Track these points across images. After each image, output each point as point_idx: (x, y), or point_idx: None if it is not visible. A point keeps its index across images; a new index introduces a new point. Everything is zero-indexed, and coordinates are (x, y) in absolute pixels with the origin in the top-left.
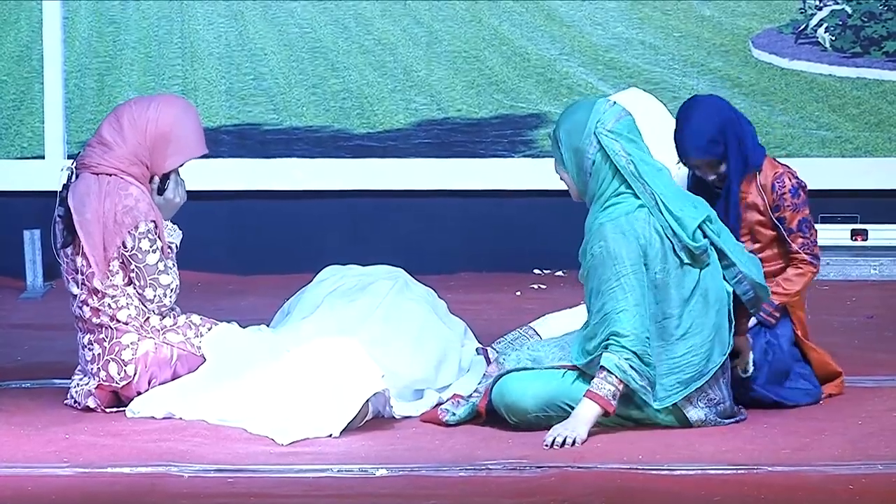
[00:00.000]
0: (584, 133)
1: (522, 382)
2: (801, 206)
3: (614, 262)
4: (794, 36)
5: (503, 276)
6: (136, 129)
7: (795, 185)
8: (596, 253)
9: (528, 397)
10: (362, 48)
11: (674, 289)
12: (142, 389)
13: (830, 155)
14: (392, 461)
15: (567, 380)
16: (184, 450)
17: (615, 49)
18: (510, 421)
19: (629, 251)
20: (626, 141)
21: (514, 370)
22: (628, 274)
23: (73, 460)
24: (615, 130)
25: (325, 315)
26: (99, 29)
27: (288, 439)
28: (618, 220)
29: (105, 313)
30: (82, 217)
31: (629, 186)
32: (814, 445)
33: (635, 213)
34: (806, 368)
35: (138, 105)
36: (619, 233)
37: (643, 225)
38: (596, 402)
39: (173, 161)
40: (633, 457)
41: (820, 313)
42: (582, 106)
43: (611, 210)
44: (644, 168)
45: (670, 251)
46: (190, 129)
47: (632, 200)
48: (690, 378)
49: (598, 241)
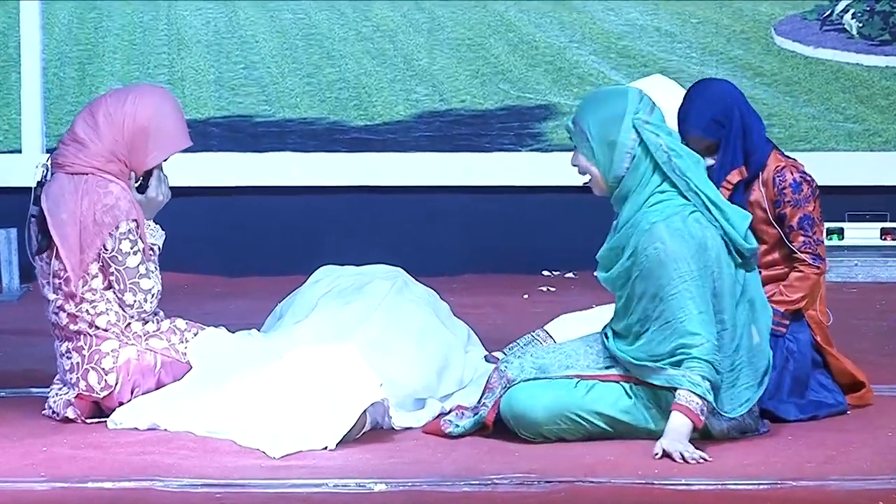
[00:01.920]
0: (623, 125)
1: (532, 393)
2: (802, 202)
3: (676, 265)
4: (819, 22)
5: (509, 278)
6: (112, 125)
7: (797, 180)
8: (651, 254)
9: (539, 408)
10: (360, 35)
11: (728, 296)
12: (124, 399)
13: (858, 149)
14: (391, 475)
15: (580, 390)
16: (169, 463)
17: (629, 36)
18: (520, 434)
19: (690, 253)
20: (666, 134)
21: (524, 380)
22: (692, 278)
23: (51, 474)
24: (654, 122)
25: (320, 318)
26: (80, 15)
27: (280, 452)
28: (672, 221)
29: (83, 319)
30: (56, 218)
31: (672, 183)
32: (840, 458)
33: (686, 213)
34: (828, 378)
35: (114, 99)
36: (677, 234)
37: (697, 225)
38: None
39: (155, 157)
40: (648, 470)
41: (847, 317)
42: (613, 95)
43: (659, 208)
44: (686, 164)
45: (724, 253)
46: (170, 122)
47: (678, 199)
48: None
49: (653, 243)
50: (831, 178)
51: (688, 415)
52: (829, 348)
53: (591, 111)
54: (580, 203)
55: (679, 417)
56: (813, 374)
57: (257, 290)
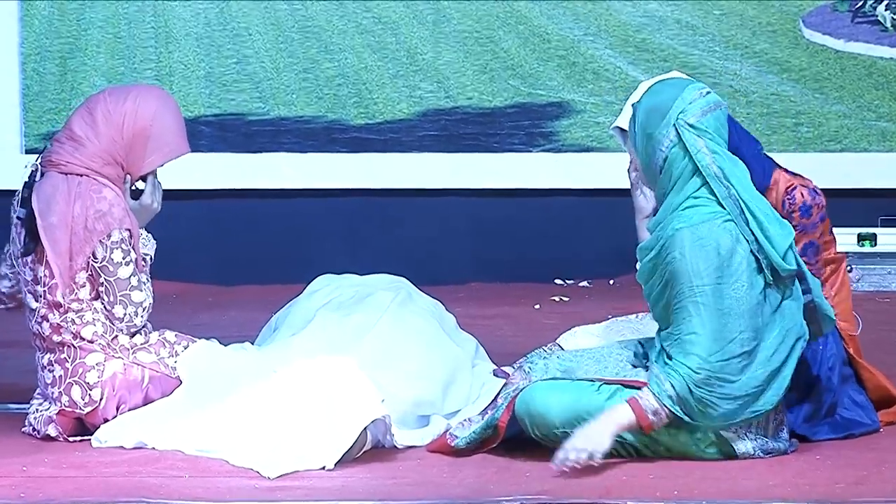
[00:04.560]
0: (663, 121)
1: (551, 392)
2: (810, 228)
3: (689, 279)
4: (851, 14)
5: (520, 287)
6: (111, 123)
7: (808, 203)
8: (670, 262)
9: (556, 409)
10: (360, 27)
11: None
12: (109, 416)
13: (892, 149)
14: (394, 497)
15: (602, 394)
16: (157, 484)
17: (647, 29)
18: (533, 435)
19: (709, 267)
20: (709, 139)
21: (544, 380)
22: (703, 294)
23: (31, 496)
24: (698, 126)
25: (318, 331)
26: (60, 6)
27: (276, 472)
28: (697, 228)
29: (68, 330)
30: (47, 221)
31: (711, 190)
32: (872, 478)
33: (719, 220)
34: (861, 393)
35: (114, 96)
36: (698, 243)
37: (728, 236)
38: (634, 410)
39: (152, 161)
40: (667, 492)
41: (880, 329)
42: (671, 87)
43: (688, 214)
44: (730, 170)
45: (754, 271)
46: (171, 125)
47: (713, 206)
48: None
49: (672, 251)
50: (863, 180)
51: (635, 409)
52: (862, 361)
53: (646, 97)
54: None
55: (620, 409)
56: (844, 389)
57: (251, 300)
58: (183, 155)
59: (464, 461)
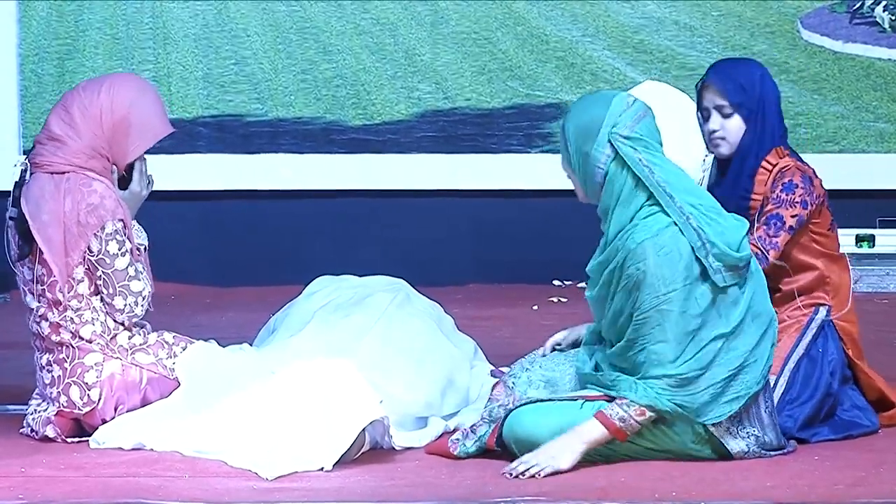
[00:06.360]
0: (597, 138)
1: (536, 416)
2: (786, 204)
3: (656, 286)
4: (849, 15)
5: (518, 288)
6: (89, 118)
7: (794, 182)
8: (632, 274)
9: (545, 433)
10: (358, 28)
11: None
12: (107, 417)
13: (890, 150)
14: (392, 498)
15: (585, 412)
16: (155, 485)
17: (645, 30)
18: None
19: (673, 273)
20: (643, 147)
21: (528, 403)
22: (669, 299)
23: (29, 497)
24: (633, 136)
25: (316, 332)
26: (59, 7)
27: (274, 474)
28: (659, 238)
29: (67, 329)
30: (38, 221)
31: (655, 199)
32: (871, 479)
33: (674, 227)
34: (860, 395)
35: (87, 91)
36: (664, 254)
37: (682, 240)
38: (603, 423)
39: (137, 148)
40: (665, 493)
41: (879, 330)
42: (596, 102)
43: (648, 223)
44: (669, 178)
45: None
46: (149, 108)
47: (662, 217)
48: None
49: (636, 262)
50: (861, 181)
51: (605, 423)
52: (861, 363)
53: (573, 116)
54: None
55: (588, 425)
56: (844, 390)
57: (249, 302)
58: (166, 135)
59: (462, 463)
